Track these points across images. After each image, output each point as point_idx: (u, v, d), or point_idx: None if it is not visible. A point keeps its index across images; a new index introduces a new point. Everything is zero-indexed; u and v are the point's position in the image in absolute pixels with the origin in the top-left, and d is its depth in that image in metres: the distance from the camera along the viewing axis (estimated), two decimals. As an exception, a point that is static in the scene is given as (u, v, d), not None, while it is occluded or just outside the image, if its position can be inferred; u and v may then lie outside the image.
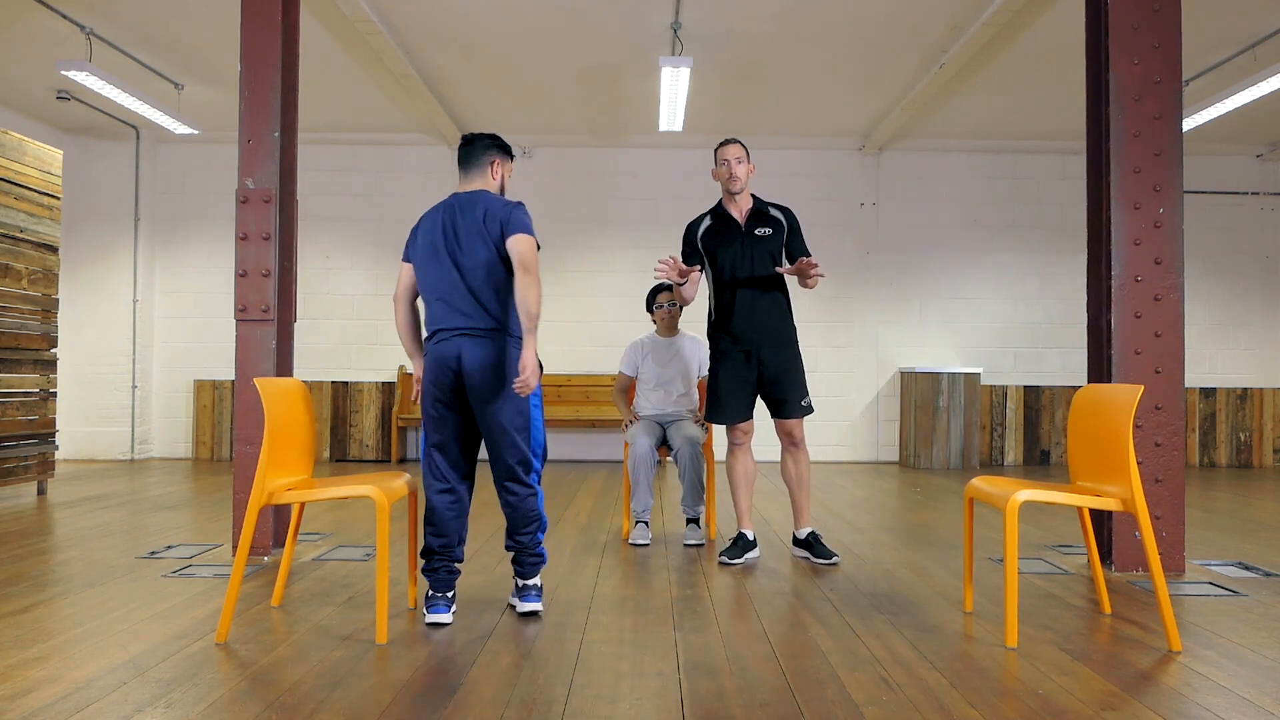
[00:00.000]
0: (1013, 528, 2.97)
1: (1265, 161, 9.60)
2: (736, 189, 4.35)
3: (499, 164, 3.46)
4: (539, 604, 3.34)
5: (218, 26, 6.48)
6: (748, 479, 4.44)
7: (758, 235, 4.33)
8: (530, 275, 3.19)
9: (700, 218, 4.48)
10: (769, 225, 4.35)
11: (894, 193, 9.53)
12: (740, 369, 4.35)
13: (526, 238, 3.23)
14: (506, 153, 3.51)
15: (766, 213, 4.38)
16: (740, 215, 4.38)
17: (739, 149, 4.37)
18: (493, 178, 3.44)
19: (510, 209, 3.29)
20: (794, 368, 4.34)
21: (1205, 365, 9.55)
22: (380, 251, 9.39)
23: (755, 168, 4.45)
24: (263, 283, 4.48)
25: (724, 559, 4.30)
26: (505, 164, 3.50)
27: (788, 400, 4.31)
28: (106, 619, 3.25)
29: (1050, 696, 2.53)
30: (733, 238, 4.35)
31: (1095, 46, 4.45)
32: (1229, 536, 5.14)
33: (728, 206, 4.41)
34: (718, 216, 4.43)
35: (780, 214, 4.40)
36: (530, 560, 3.37)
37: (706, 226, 4.43)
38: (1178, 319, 4.18)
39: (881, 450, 9.49)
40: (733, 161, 4.32)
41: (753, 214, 4.38)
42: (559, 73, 7.54)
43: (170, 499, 6.36)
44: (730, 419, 4.36)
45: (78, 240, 9.09)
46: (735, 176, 4.32)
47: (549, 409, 9.18)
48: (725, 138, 4.46)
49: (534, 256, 3.23)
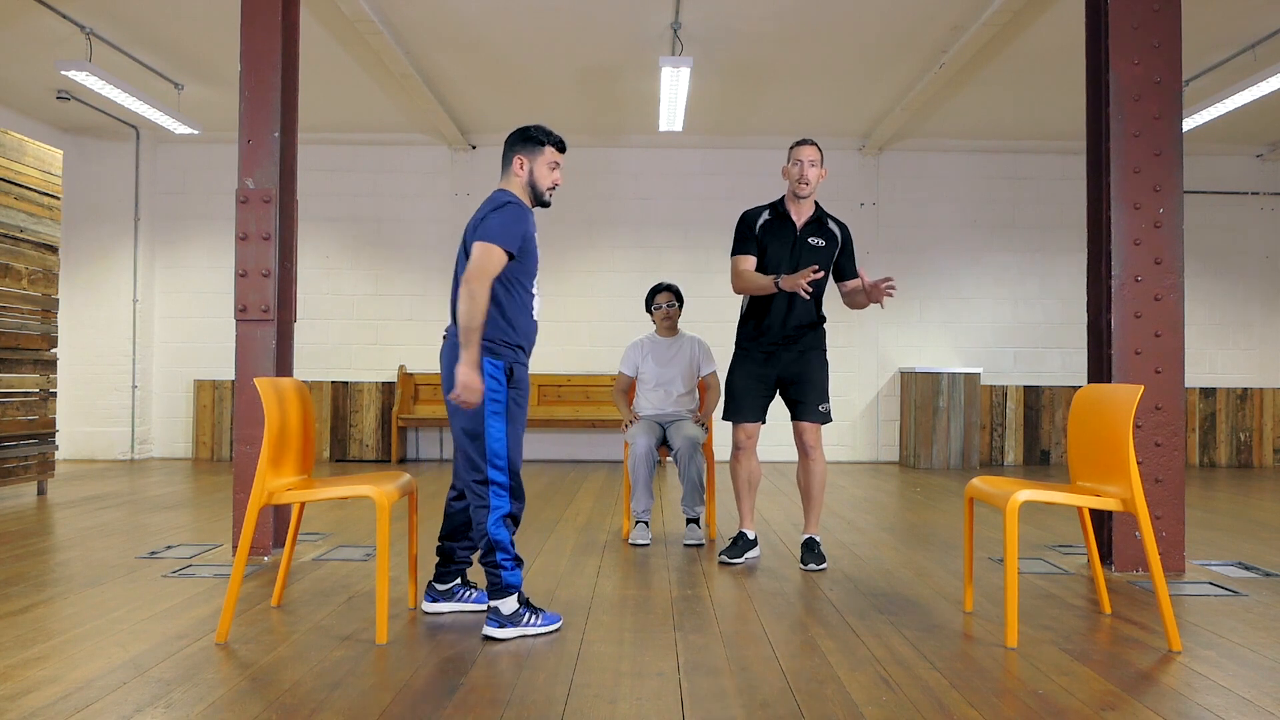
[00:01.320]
0: (1013, 528, 2.97)
1: (1265, 161, 9.59)
2: (804, 193, 4.24)
3: (520, 159, 3.28)
4: (495, 629, 3.04)
5: (218, 26, 6.48)
6: (750, 482, 4.40)
7: (810, 244, 4.25)
8: (466, 285, 3.02)
9: (759, 209, 4.38)
10: (823, 237, 4.28)
11: (894, 193, 9.53)
12: (758, 367, 4.32)
13: (482, 246, 3.06)
14: (532, 143, 3.28)
15: (824, 223, 4.31)
16: (799, 219, 4.30)
17: (814, 151, 4.26)
18: (516, 174, 3.28)
19: (488, 212, 3.14)
20: (815, 372, 4.29)
21: (1205, 365, 9.55)
22: (380, 251, 9.39)
23: (827, 173, 4.36)
24: (263, 283, 4.48)
25: (724, 558, 4.29)
26: (531, 157, 3.28)
27: (803, 402, 4.26)
28: (106, 619, 3.25)
29: (1050, 696, 2.53)
30: (786, 239, 4.27)
31: (1095, 46, 4.45)
32: (1229, 536, 5.14)
33: (789, 206, 4.31)
34: (777, 213, 4.33)
35: (837, 229, 4.33)
36: (489, 577, 3.09)
37: (765, 220, 4.34)
38: (1178, 319, 4.18)
39: (881, 450, 9.49)
40: (805, 163, 4.22)
41: (811, 221, 4.29)
42: (559, 73, 7.53)
43: (170, 499, 6.36)
44: (739, 417, 4.33)
45: (78, 240, 9.09)
46: (806, 180, 4.22)
47: (548, 409, 9.18)
48: (801, 138, 4.34)
49: (480, 265, 3.05)
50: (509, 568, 3.07)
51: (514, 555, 3.10)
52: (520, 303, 3.20)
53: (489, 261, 3.06)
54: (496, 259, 3.07)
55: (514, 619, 3.05)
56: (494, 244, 3.07)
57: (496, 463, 3.10)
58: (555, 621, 3.14)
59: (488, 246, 3.07)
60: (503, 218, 3.11)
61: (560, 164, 3.33)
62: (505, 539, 3.09)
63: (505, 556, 3.08)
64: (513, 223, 3.12)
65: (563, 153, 3.32)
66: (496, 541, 3.07)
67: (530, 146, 3.27)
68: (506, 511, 3.11)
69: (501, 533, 3.08)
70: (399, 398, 9.18)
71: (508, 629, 3.04)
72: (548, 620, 3.12)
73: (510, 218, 3.12)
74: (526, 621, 3.06)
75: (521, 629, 3.05)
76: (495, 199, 3.21)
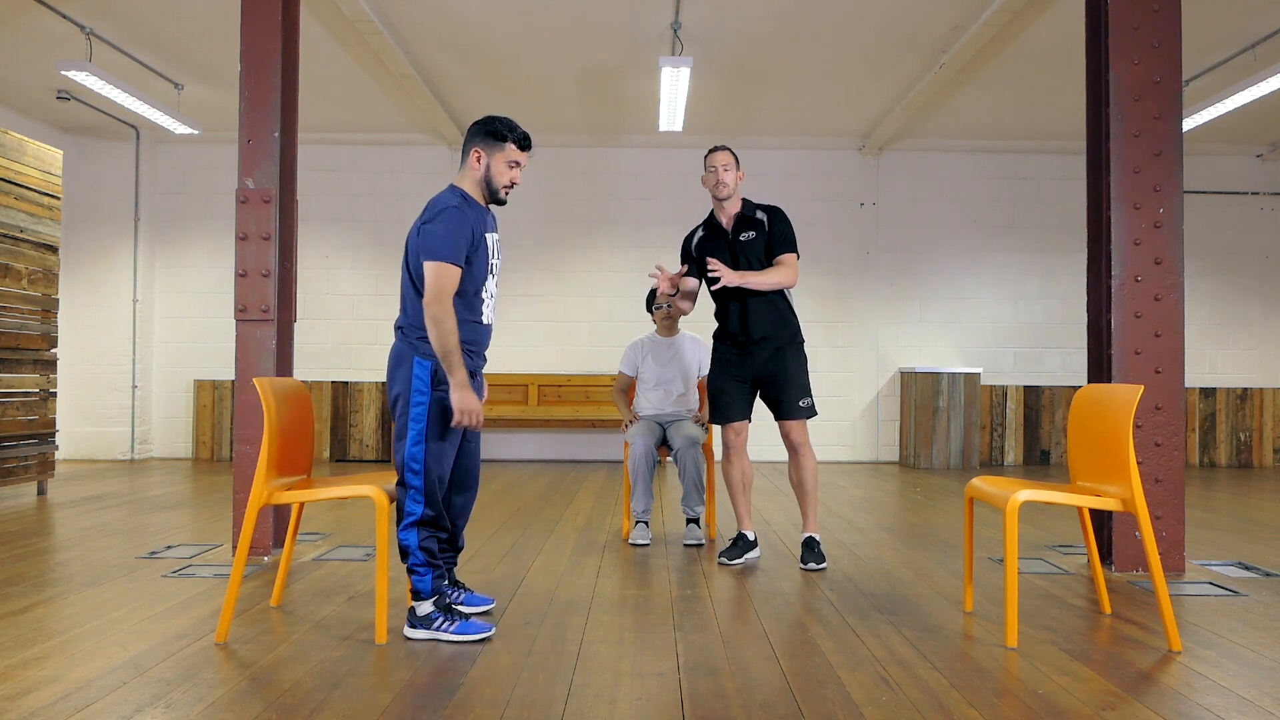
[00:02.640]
0: (1013, 528, 2.97)
1: (1265, 161, 9.59)
2: (723, 195, 4.36)
3: (478, 153, 3.13)
4: (408, 629, 3.03)
5: (218, 26, 6.48)
6: (743, 483, 4.42)
7: (742, 240, 4.35)
8: (429, 312, 2.95)
9: (695, 229, 4.55)
10: (753, 229, 4.36)
11: (894, 193, 9.53)
12: (734, 368, 4.37)
13: (432, 268, 2.96)
14: (493, 137, 3.12)
15: (752, 216, 4.39)
16: (727, 222, 4.41)
17: (727, 156, 4.37)
18: (472, 167, 3.13)
19: (426, 221, 3.03)
20: (791, 368, 4.31)
21: (1205, 365, 9.55)
22: (380, 251, 9.39)
23: (745, 174, 4.46)
24: (263, 283, 4.48)
25: (723, 560, 4.30)
26: (490, 151, 3.12)
27: (783, 401, 4.30)
28: (106, 619, 3.25)
29: (1050, 696, 2.53)
30: (721, 244, 4.39)
31: (1095, 46, 4.45)
32: (1229, 536, 5.14)
33: (717, 214, 4.45)
34: (708, 226, 4.49)
35: (765, 214, 4.39)
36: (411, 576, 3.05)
37: (699, 237, 4.51)
38: (1178, 319, 4.18)
39: (881, 450, 9.49)
40: (720, 169, 4.33)
41: (738, 219, 4.39)
42: (559, 73, 7.54)
43: (170, 499, 6.36)
44: (723, 418, 4.37)
45: (78, 240, 9.09)
46: (722, 183, 4.33)
47: (548, 409, 9.19)
48: (714, 145, 4.45)
49: (435, 289, 2.95)
50: (421, 573, 3.04)
51: (424, 560, 3.04)
52: (464, 309, 3.08)
53: (443, 283, 2.97)
54: (449, 278, 2.98)
55: (426, 621, 3.02)
56: (442, 262, 2.97)
57: (413, 466, 3.04)
58: (479, 631, 3.01)
59: (437, 267, 2.96)
60: (442, 228, 2.99)
61: (522, 163, 3.16)
62: (414, 544, 3.04)
63: (416, 561, 3.05)
64: (454, 231, 2.99)
65: (525, 150, 3.16)
66: (405, 547, 3.05)
67: (490, 141, 3.12)
68: (416, 518, 3.05)
69: (410, 537, 3.05)
70: (399, 398, 9.17)
71: (419, 630, 3.02)
72: (465, 629, 3.01)
73: (449, 226, 2.99)
74: (439, 626, 3.00)
75: (434, 633, 3.00)
76: (435, 203, 3.08)
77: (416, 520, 3.05)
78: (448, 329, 2.96)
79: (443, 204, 3.07)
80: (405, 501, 3.06)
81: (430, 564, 3.06)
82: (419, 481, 3.05)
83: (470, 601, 3.35)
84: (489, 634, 3.04)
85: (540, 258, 9.46)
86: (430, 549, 3.06)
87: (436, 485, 3.07)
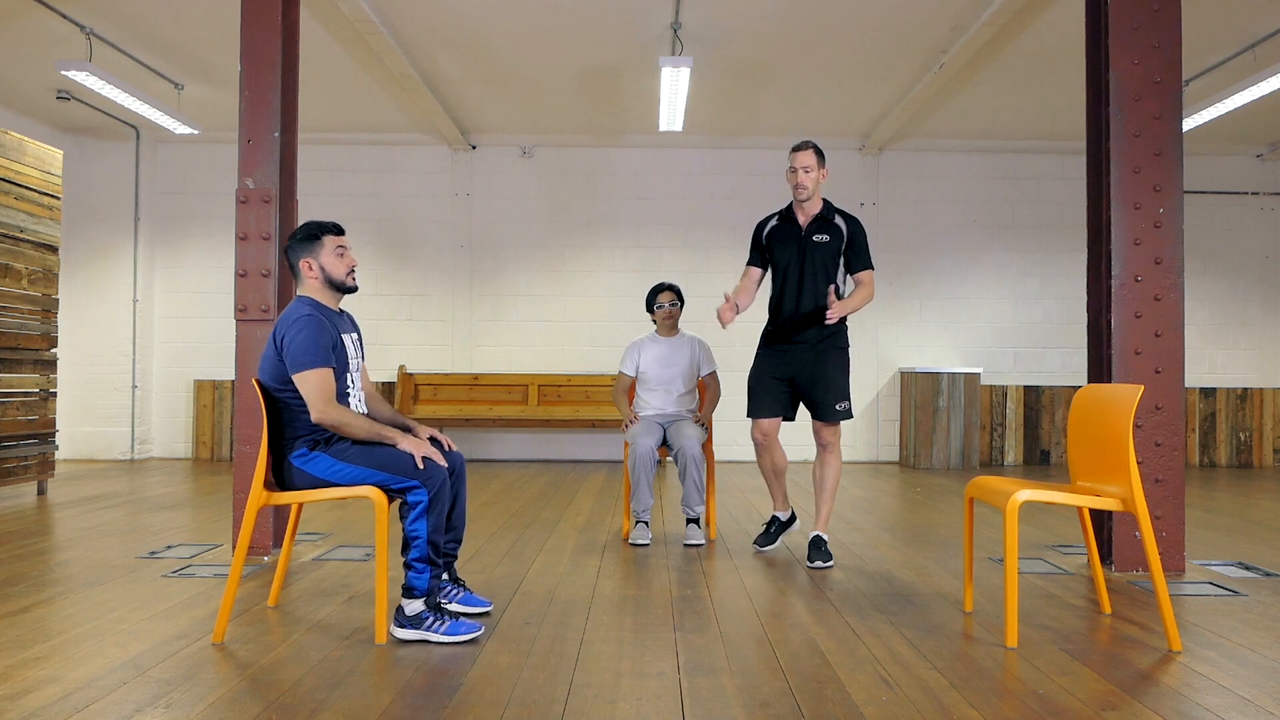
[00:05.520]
0: (1013, 528, 2.97)
1: (1265, 161, 9.59)
2: (802, 197, 4.38)
3: (307, 263, 3.21)
4: (397, 629, 3.03)
5: (218, 26, 6.48)
6: (775, 472, 4.57)
7: (815, 241, 4.37)
8: (324, 417, 3.03)
9: (770, 216, 4.59)
10: (827, 232, 4.37)
11: (894, 193, 9.53)
12: (773, 366, 4.45)
13: (303, 378, 3.04)
14: (309, 241, 3.20)
15: (830, 219, 4.40)
16: (804, 220, 4.43)
17: (809, 156, 4.35)
18: (309, 279, 3.22)
19: (283, 334, 3.08)
20: (831, 370, 4.38)
21: (1205, 365, 9.54)
22: (380, 251, 9.39)
23: (828, 174, 4.48)
24: (263, 283, 4.48)
25: (756, 546, 4.59)
26: (315, 255, 3.20)
27: (820, 403, 4.39)
28: (106, 619, 3.25)
29: (1050, 696, 2.53)
30: (791, 239, 4.42)
31: (1095, 46, 4.45)
32: (1229, 536, 5.13)
33: (795, 210, 4.47)
34: (784, 218, 4.52)
35: (844, 222, 4.41)
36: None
37: (772, 226, 4.54)
38: (1178, 319, 4.18)
39: (881, 450, 9.49)
40: (800, 170, 4.34)
41: (816, 219, 4.41)
42: (559, 73, 7.53)
43: (170, 499, 6.36)
44: (754, 413, 4.47)
45: (78, 240, 9.09)
46: (801, 186, 4.35)
47: (548, 409, 9.20)
48: (801, 141, 4.42)
49: (316, 396, 3.02)
50: (419, 569, 3.05)
51: (427, 555, 3.04)
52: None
53: (322, 388, 3.05)
54: (323, 382, 3.06)
55: (415, 621, 3.01)
56: (311, 370, 3.04)
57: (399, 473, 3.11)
58: (469, 632, 3.01)
59: (309, 375, 3.04)
60: (302, 336, 3.06)
61: (347, 247, 3.25)
62: (424, 533, 3.07)
63: (418, 556, 3.07)
64: (313, 337, 3.07)
65: (342, 235, 3.23)
66: (414, 538, 3.07)
67: (309, 245, 3.21)
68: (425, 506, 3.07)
69: (420, 528, 3.07)
70: (399, 397, 9.18)
71: (408, 630, 3.01)
72: (455, 629, 3.00)
73: (308, 333, 3.07)
74: (429, 625, 3.00)
75: (423, 632, 3.00)
76: (288, 314, 3.15)
77: (426, 508, 3.06)
78: (349, 420, 3.07)
79: (295, 314, 3.13)
80: (408, 496, 3.07)
81: (431, 562, 3.06)
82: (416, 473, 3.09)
83: (468, 602, 3.35)
84: (478, 634, 3.04)
85: (540, 258, 9.46)
86: (436, 544, 3.08)
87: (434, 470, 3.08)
